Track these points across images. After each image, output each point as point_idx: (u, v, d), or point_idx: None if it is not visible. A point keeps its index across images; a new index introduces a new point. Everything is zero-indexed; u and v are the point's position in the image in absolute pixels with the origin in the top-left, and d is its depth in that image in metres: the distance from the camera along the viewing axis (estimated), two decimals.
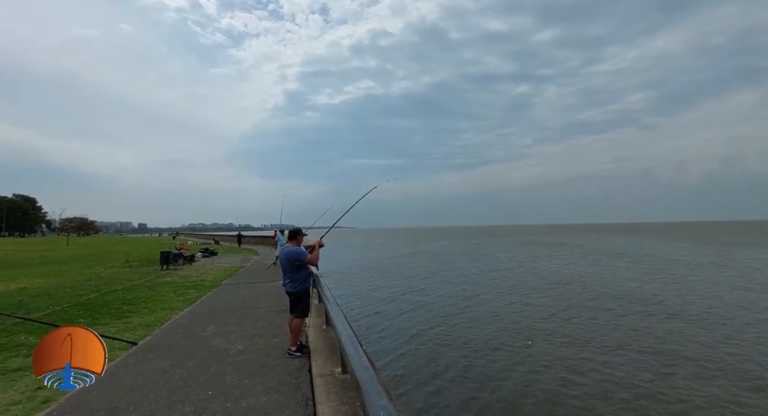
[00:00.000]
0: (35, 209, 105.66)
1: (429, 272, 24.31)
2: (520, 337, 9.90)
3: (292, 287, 4.67)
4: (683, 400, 6.45)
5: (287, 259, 4.67)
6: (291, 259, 4.64)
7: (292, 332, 4.64)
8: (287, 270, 4.70)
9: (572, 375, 7.44)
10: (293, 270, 4.66)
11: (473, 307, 13.56)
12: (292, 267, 4.65)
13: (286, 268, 4.70)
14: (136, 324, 6.54)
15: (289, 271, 4.67)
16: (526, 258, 31.92)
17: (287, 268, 4.69)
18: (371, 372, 1.29)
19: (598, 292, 15.80)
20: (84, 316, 7.20)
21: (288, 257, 4.66)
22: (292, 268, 4.65)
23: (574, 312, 12.38)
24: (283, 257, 4.75)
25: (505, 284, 18.56)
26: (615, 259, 29.23)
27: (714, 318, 11.41)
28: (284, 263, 4.72)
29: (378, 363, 6.61)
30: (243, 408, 3.26)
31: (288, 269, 4.68)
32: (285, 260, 4.70)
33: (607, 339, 9.58)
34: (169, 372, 4.15)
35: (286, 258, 4.68)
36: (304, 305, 4.70)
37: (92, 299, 8.84)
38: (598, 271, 22.61)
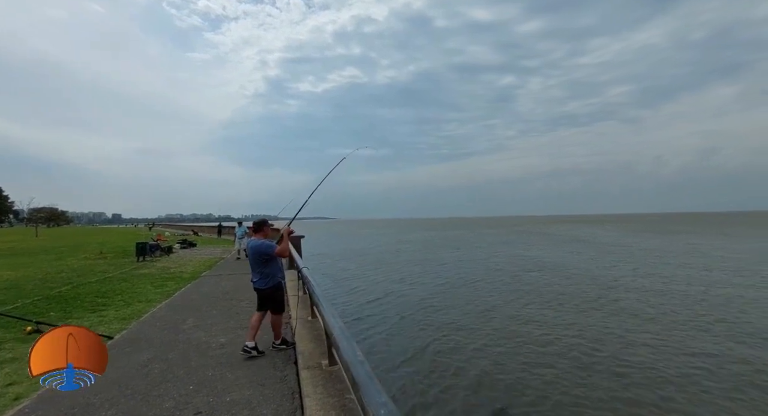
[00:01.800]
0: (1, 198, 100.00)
1: (418, 260, 25.52)
2: (483, 317, 11.05)
3: (263, 283, 4.28)
4: None
5: (254, 253, 4.27)
6: (258, 253, 4.24)
7: (273, 328, 4.44)
8: (255, 265, 4.30)
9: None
10: (262, 265, 4.26)
11: (446, 292, 14.73)
12: (260, 262, 4.26)
13: (254, 263, 4.30)
14: (112, 317, 6.29)
15: (258, 266, 4.28)
16: (504, 247, 33.90)
17: (255, 263, 4.29)
18: (367, 367, 1.24)
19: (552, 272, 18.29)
20: (55, 309, 6.86)
21: (255, 251, 4.26)
22: (261, 263, 4.26)
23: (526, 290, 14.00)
24: (249, 252, 4.36)
25: (475, 271, 20.01)
26: (576, 245, 32.30)
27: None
28: (251, 258, 4.35)
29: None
30: (227, 402, 3.17)
31: (256, 264, 4.29)
32: (252, 254, 4.32)
33: (534, 299, 12.24)
34: (147, 367, 4.00)
35: (253, 252, 4.29)
36: (279, 301, 4.38)
37: (64, 292, 8.45)
38: (567, 259, 24.89)
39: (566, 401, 6.16)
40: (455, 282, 16.98)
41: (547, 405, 6.07)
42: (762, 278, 15.99)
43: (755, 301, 12.23)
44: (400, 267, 22.22)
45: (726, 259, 22.71)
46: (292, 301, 6.89)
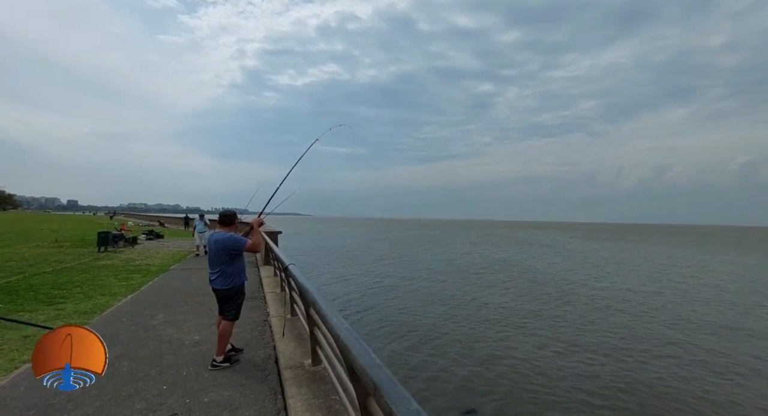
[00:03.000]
0: None
1: (389, 256, 27.09)
2: (442, 305, 12.96)
3: (224, 282, 3.70)
4: None
5: (219, 248, 3.66)
6: (225, 247, 3.65)
7: (219, 337, 3.71)
8: (217, 262, 3.70)
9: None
10: (225, 262, 3.69)
11: (411, 288, 16.00)
12: (225, 258, 3.68)
13: (217, 259, 3.70)
14: (71, 311, 5.83)
15: (220, 263, 3.68)
16: (472, 248, 36.76)
17: (218, 259, 3.69)
18: (387, 371, 1.17)
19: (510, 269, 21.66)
20: (4, 301, 6.28)
21: (220, 246, 3.65)
22: (225, 259, 3.68)
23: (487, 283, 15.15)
24: (213, 246, 3.71)
25: (445, 269, 22.01)
26: (531, 247, 36.51)
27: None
28: (214, 254, 3.72)
29: None
30: (204, 403, 3.00)
31: (218, 260, 3.69)
32: (216, 249, 3.68)
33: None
34: (114, 365, 3.72)
35: (218, 247, 3.66)
36: (236, 306, 3.81)
37: (14, 282, 7.76)
38: (520, 256, 28.64)
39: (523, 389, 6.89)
40: (423, 280, 18.10)
41: (501, 395, 6.66)
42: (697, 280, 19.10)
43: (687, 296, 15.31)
44: (370, 265, 22.70)
45: (670, 266, 25.94)
46: (269, 297, 6.69)
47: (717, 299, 14.82)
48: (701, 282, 18.95)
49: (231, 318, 3.77)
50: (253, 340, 4.56)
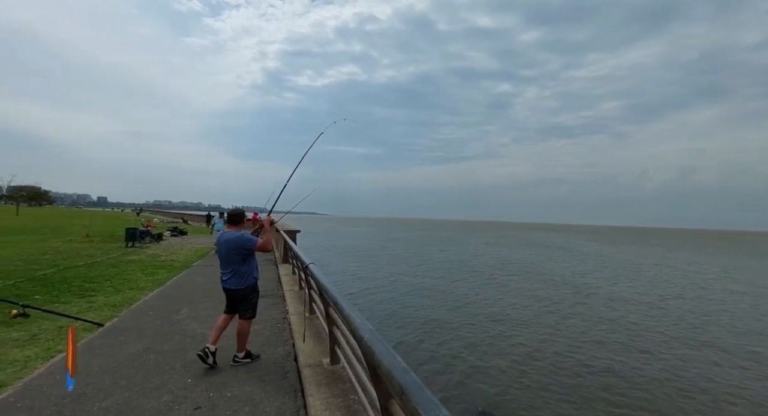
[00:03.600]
0: None
1: (403, 256, 27.23)
2: (455, 305, 13.23)
3: (237, 282, 3.70)
4: None
5: (230, 247, 3.65)
6: (236, 247, 3.64)
7: (239, 336, 3.79)
8: (229, 262, 3.69)
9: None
10: (238, 262, 3.68)
11: (427, 288, 16.35)
12: (237, 258, 3.67)
13: (229, 259, 3.69)
14: (102, 303, 6.09)
15: (232, 263, 3.68)
16: (487, 249, 36.62)
17: (230, 259, 3.69)
18: (414, 375, 1.17)
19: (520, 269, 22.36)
20: (41, 292, 6.62)
21: (231, 245, 3.65)
22: (237, 259, 3.68)
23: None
24: (224, 246, 3.69)
25: (460, 270, 21.81)
26: (548, 250, 31.94)
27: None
28: (225, 253, 3.71)
29: None
30: (227, 398, 3.07)
31: (230, 260, 3.68)
32: (226, 249, 3.67)
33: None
34: (142, 357, 3.87)
35: (228, 246, 3.66)
36: (251, 305, 3.83)
37: (49, 275, 8.17)
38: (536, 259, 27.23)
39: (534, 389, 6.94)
40: (436, 279, 18.34)
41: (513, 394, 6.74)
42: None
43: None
44: (384, 264, 22.89)
45: (692, 272, 25.18)
46: (288, 296, 6.79)
47: (737, 310, 14.14)
48: (723, 289, 18.30)
49: (248, 317, 3.80)
50: (273, 337, 4.64)
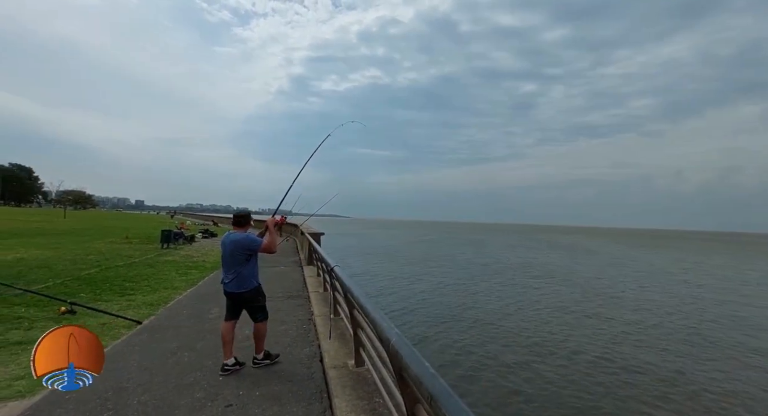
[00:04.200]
0: (31, 179, 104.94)
1: (424, 258, 26.40)
2: (474, 308, 13.08)
3: (238, 285, 3.57)
4: None
5: (234, 248, 3.55)
6: (242, 247, 3.54)
7: (256, 339, 3.74)
8: (233, 263, 3.57)
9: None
10: (241, 263, 3.57)
11: (446, 287, 15.99)
12: (241, 259, 3.56)
13: (232, 260, 3.57)
14: (140, 302, 6.43)
15: (235, 265, 3.56)
16: (510, 251, 34.84)
17: (234, 260, 3.56)
18: (443, 381, 1.16)
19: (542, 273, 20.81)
20: (86, 291, 7.07)
21: (237, 246, 3.54)
22: (241, 260, 3.56)
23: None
24: (229, 247, 3.58)
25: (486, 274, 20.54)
26: (574, 253, 30.68)
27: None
28: (229, 254, 3.58)
29: None
30: (256, 396, 3.16)
31: (233, 262, 3.56)
32: (231, 249, 3.56)
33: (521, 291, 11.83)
34: (177, 354, 4.05)
35: (233, 248, 3.55)
36: (260, 308, 3.74)
37: (93, 274, 8.72)
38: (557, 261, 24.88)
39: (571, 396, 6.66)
40: (458, 282, 18.01)
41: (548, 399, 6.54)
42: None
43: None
44: (406, 266, 22.76)
45: (732, 277, 23.63)
46: (313, 297, 6.90)
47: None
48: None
49: (263, 318, 3.76)
50: (299, 338, 4.72)
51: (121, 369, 3.63)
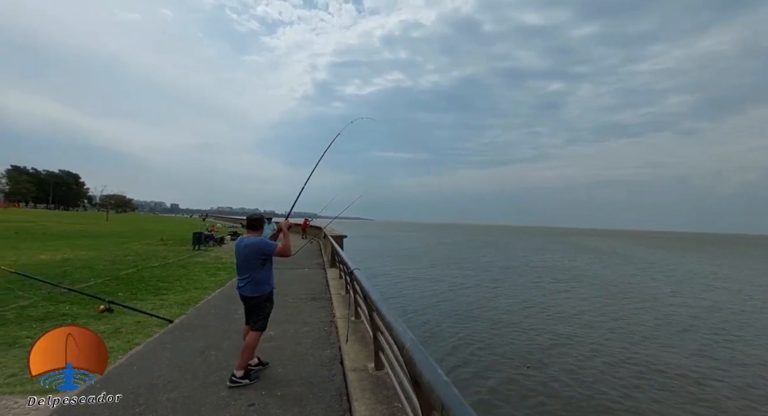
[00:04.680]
0: (78, 184, 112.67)
1: (447, 261, 26.12)
2: (496, 311, 12.78)
3: (252, 289, 3.54)
4: None
5: (248, 252, 3.51)
6: (256, 251, 3.52)
7: (244, 349, 3.48)
8: (247, 268, 3.54)
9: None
10: (255, 268, 3.54)
11: (468, 290, 14.95)
12: (255, 263, 3.53)
13: (246, 265, 3.54)
14: (172, 301, 6.73)
15: (249, 269, 3.53)
16: (535, 255, 33.66)
17: (248, 264, 3.54)
18: (455, 390, 1.13)
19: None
20: (123, 290, 7.49)
21: (250, 250, 3.51)
22: (255, 264, 3.54)
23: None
24: (242, 251, 3.55)
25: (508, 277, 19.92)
26: (603, 256, 28.95)
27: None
28: (242, 258, 3.56)
29: None
30: (277, 397, 3.22)
31: (248, 266, 3.53)
32: (245, 254, 3.53)
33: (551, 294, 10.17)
34: (204, 353, 4.20)
35: (247, 252, 3.52)
36: (264, 315, 3.63)
37: (130, 274, 9.22)
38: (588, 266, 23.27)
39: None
40: (479, 286, 17.57)
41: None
42: None
43: None
44: (427, 269, 22.48)
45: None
46: (335, 299, 6.97)
47: None
48: None
49: (259, 328, 3.58)
50: (321, 339, 4.78)
51: (152, 366, 3.81)
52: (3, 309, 5.72)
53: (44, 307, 6.02)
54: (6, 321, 5.26)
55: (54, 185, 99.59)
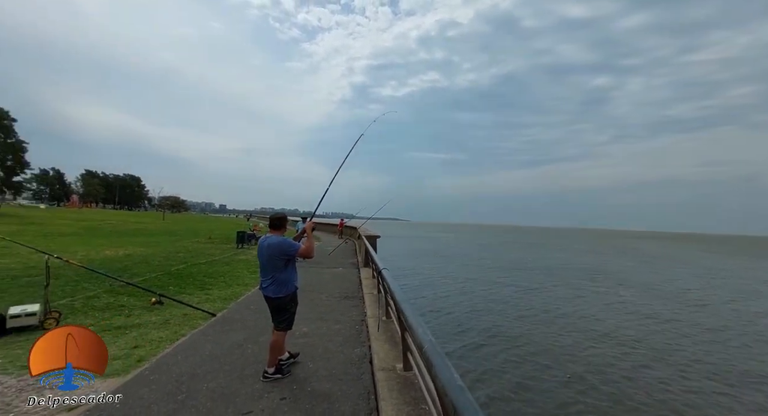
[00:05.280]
0: (140, 187, 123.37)
1: (485, 265, 25.25)
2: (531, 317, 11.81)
3: (276, 290, 3.50)
4: None
5: (272, 253, 3.47)
6: (279, 252, 3.46)
7: (271, 349, 3.54)
8: (270, 268, 3.51)
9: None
10: (279, 268, 3.50)
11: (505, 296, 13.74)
12: (278, 263, 3.49)
13: (270, 265, 3.50)
14: (216, 296, 7.15)
15: (273, 270, 3.50)
16: (577, 257, 30.38)
17: (271, 265, 3.50)
18: (469, 396, 1.09)
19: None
20: (174, 284, 8.08)
21: (273, 251, 3.46)
22: (279, 265, 3.50)
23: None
24: (265, 251, 3.51)
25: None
26: (655, 260, 26.13)
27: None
28: (266, 259, 3.51)
29: None
30: (308, 392, 3.31)
31: (272, 266, 3.50)
32: (268, 254, 3.48)
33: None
34: (242, 346, 4.41)
35: (270, 252, 3.47)
36: (289, 316, 3.59)
37: (180, 270, 9.93)
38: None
39: None
40: (517, 289, 16.66)
41: None
42: None
43: None
44: (463, 271, 21.87)
45: None
46: (367, 299, 7.03)
47: None
48: None
49: (284, 328, 3.58)
50: (351, 338, 4.84)
51: (196, 356, 4.06)
52: (72, 300, 6.40)
53: (105, 298, 6.66)
54: (74, 309, 5.88)
55: (120, 187, 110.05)
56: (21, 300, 5.92)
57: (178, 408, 2.98)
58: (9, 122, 39.46)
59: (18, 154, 40.81)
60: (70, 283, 7.58)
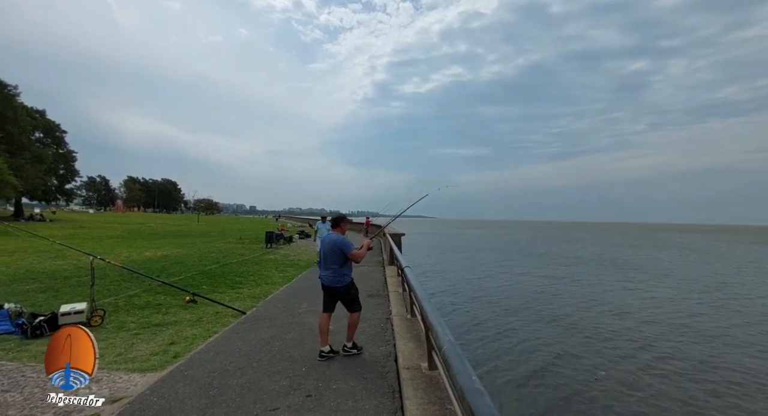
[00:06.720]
0: (176, 190, 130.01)
1: (511, 262, 24.29)
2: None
3: (335, 280, 4.05)
4: None
5: (333, 247, 4.04)
6: (337, 247, 4.02)
7: (349, 326, 4.17)
8: (331, 261, 4.05)
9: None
10: (339, 262, 4.04)
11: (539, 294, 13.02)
12: (337, 258, 4.04)
13: (331, 258, 4.05)
14: (246, 294, 7.39)
15: (333, 262, 4.05)
16: (617, 252, 28.53)
17: (332, 258, 4.04)
18: (488, 400, 1.04)
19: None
20: (207, 283, 8.43)
21: (334, 245, 4.04)
22: (338, 259, 4.04)
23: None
24: (327, 245, 4.09)
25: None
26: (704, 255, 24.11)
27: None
28: (328, 252, 4.07)
29: None
30: (333, 390, 3.33)
31: (331, 259, 4.05)
32: (330, 248, 4.05)
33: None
34: (270, 344, 4.52)
35: (333, 247, 4.04)
36: (353, 298, 4.18)
37: (213, 270, 10.35)
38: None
39: None
40: (549, 288, 15.95)
41: None
42: None
43: None
44: (490, 269, 21.27)
45: None
46: (392, 297, 7.01)
47: None
48: None
49: (357, 309, 4.17)
50: (377, 336, 4.84)
51: (226, 353, 4.21)
52: (116, 298, 6.83)
53: (145, 297, 7.05)
54: (117, 308, 6.27)
55: (158, 191, 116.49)
56: (71, 299, 6.39)
57: (210, 404, 3.09)
58: (61, 134, 42.70)
59: (69, 163, 44.10)
60: (113, 283, 8.09)
